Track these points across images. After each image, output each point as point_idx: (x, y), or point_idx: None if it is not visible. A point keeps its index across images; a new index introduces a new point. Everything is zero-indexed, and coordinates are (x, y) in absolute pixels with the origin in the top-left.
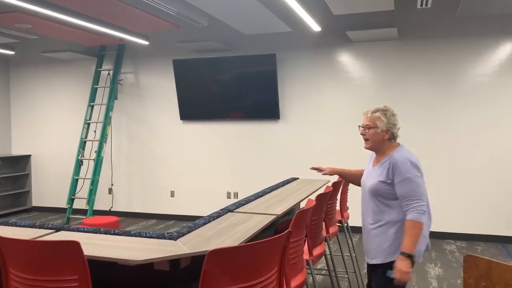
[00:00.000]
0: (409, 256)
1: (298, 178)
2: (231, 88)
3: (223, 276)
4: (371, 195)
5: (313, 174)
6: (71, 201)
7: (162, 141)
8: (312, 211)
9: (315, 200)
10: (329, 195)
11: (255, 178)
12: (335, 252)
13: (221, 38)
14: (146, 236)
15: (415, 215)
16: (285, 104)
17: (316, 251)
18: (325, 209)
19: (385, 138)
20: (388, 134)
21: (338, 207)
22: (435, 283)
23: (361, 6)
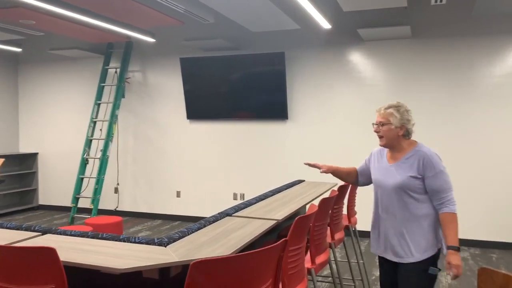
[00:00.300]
0: (458, 249)
1: (304, 180)
2: (238, 87)
3: None
4: (397, 191)
5: (321, 177)
6: (75, 200)
7: (168, 141)
8: (314, 217)
9: (318, 205)
10: (334, 199)
11: (262, 179)
12: (342, 258)
13: (228, 35)
14: (134, 241)
15: (453, 207)
16: (294, 104)
17: (319, 259)
18: (330, 214)
19: (400, 134)
20: (402, 130)
21: (345, 212)
22: None
23: (372, 2)
